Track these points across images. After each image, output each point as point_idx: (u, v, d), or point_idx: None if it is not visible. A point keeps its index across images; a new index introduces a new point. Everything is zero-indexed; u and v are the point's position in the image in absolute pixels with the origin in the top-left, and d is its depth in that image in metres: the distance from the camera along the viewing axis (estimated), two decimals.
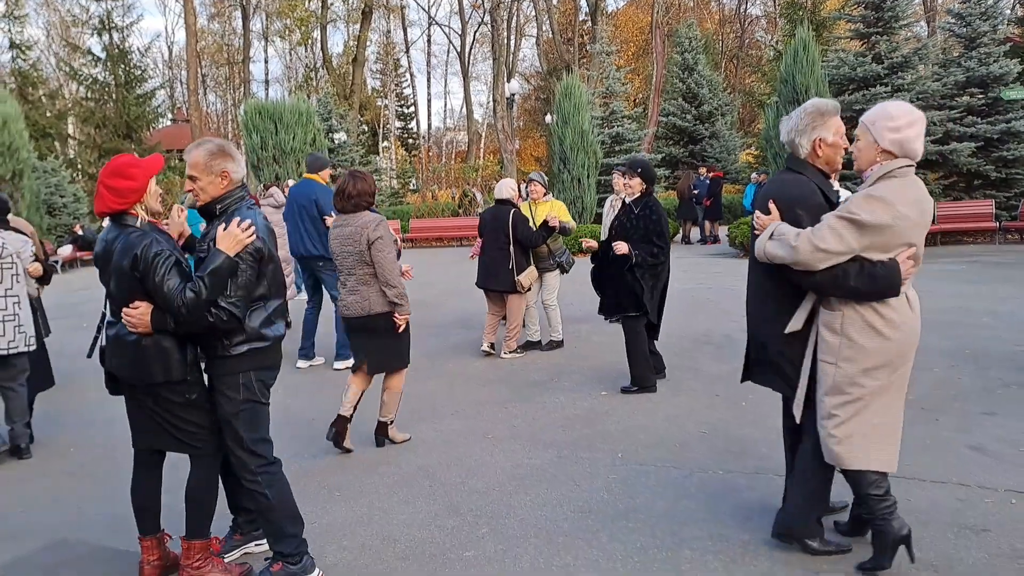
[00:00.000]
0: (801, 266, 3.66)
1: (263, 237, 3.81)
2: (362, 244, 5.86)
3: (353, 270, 5.96)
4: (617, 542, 4.40)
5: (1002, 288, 12.05)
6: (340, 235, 5.99)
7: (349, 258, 5.96)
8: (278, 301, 3.97)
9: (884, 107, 3.81)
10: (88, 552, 4.70)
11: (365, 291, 5.94)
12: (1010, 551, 4.02)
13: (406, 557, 4.37)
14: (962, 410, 6.33)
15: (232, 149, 3.94)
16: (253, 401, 3.91)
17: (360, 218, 5.95)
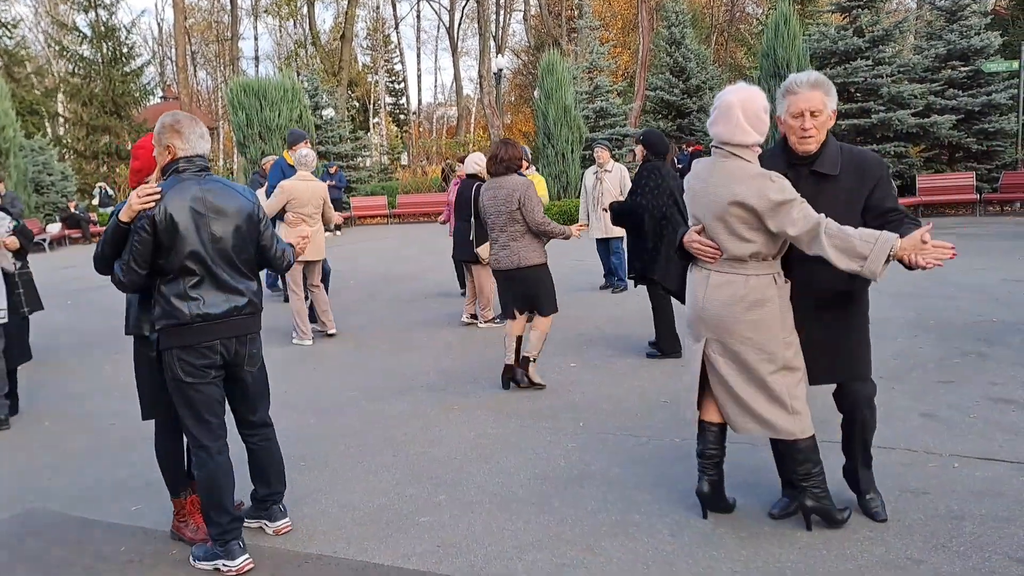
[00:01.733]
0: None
1: (166, 207, 3.78)
2: (513, 204, 6.61)
3: (504, 227, 6.71)
4: (569, 507, 4.52)
5: (977, 260, 12.14)
6: (493, 197, 6.75)
7: (501, 217, 6.70)
8: (196, 278, 3.89)
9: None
10: (55, 522, 4.81)
11: (515, 246, 6.68)
12: (946, 512, 4.14)
13: (363, 523, 4.49)
14: (919, 379, 6.46)
15: (184, 125, 3.98)
16: (175, 379, 3.93)
17: (510, 180, 6.71)
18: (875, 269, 3.39)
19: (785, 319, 3.83)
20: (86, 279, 16.58)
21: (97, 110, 36.41)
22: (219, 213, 3.94)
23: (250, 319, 4.11)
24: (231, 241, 3.98)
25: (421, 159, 41.43)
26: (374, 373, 7.72)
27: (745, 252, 3.76)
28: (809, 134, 3.73)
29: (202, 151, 4.03)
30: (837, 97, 3.85)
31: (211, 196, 3.94)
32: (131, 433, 6.33)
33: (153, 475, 5.34)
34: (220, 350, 3.98)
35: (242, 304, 4.03)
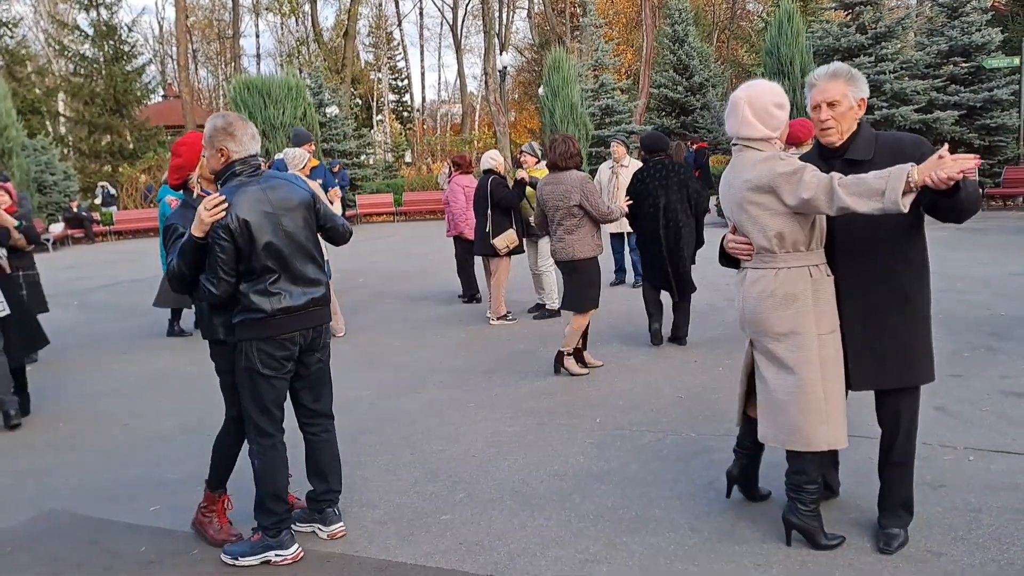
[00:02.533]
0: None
1: (237, 214, 3.83)
2: (572, 200, 6.93)
3: (562, 221, 7.03)
4: (589, 503, 4.56)
5: (981, 253, 12.22)
6: (554, 191, 7.05)
7: (559, 211, 7.01)
8: (276, 275, 3.96)
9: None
10: (73, 523, 4.82)
11: (569, 240, 7.02)
12: (963, 505, 4.19)
13: (383, 521, 4.52)
14: None
15: (237, 127, 4.00)
16: (250, 370, 3.99)
17: (571, 176, 7.02)
18: (896, 198, 3.23)
19: (822, 316, 3.71)
20: (91, 279, 16.65)
21: (99, 109, 36.48)
22: (286, 209, 4.02)
23: (326, 309, 4.22)
24: (302, 233, 4.07)
25: (426, 157, 41.37)
26: (387, 371, 7.76)
27: (770, 240, 3.70)
28: (827, 125, 3.72)
29: (255, 151, 4.07)
30: (866, 85, 3.81)
31: (274, 193, 4.00)
32: (146, 433, 6.40)
33: (169, 475, 5.42)
34: (299, 341, 4.08)
35: (319, 295, 4.14)
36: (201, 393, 7.38)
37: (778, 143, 3.84)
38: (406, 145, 48.92)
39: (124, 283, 15.67)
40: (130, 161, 34.11)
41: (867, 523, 4.03)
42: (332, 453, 4.40)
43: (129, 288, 14.84)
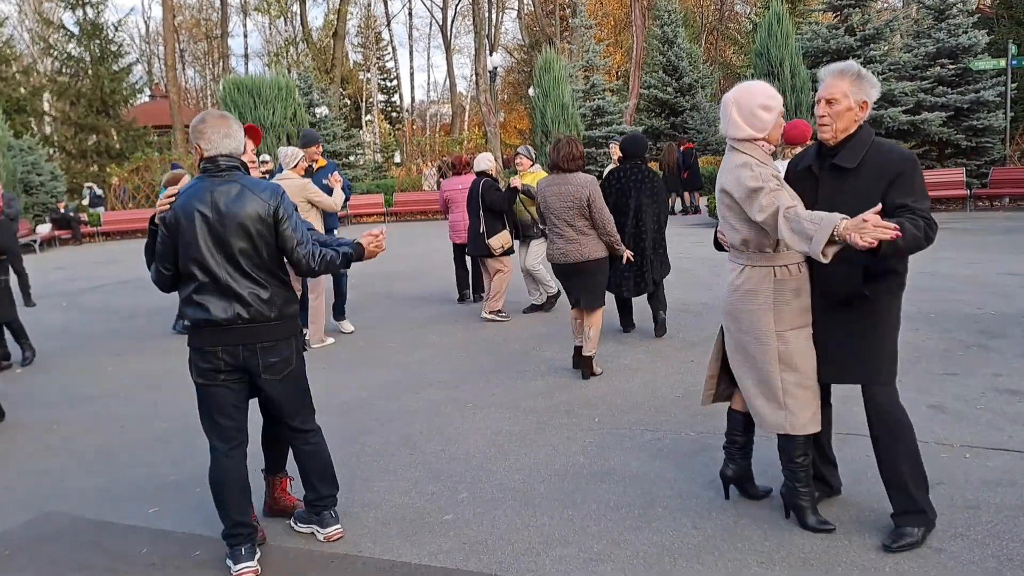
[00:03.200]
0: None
1: (175, 210, 3.84)
2: (582, 200, 6.83)
3: (572, 222, 6.92)
4: (591, 502, 4.59)
5: (970, 253, 12.31)
6: (559, 192, 6.94)
7: (568, 212, 6.91)
8: (198, 284, 3.86)
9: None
10: (72, 525, 4.81)
11: (584, 240, 6.93)
12: (962, 501, 4.24)
13: (386, 522, 4.54)
14: (924, 371, 6.56)
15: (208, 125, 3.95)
16: (192, 377, 4.02)
17: (578, 177, 6.95)
18: (817, 249, 3.35)
19: (781, 314, 3.88)
20: (79, 280, 16.60)
21: (85, 109, 36.27)
22: (228, 216, 3.83)
23: (259, 328, 3.93)
24: (239, 245, 3.84)
25: (416, 157, 41.36)
26: (385, 371, 7.78)
27: (736, 240, 3.95)
28: (823, 122, 3.79)
29: (227, 150, 3.94)
30: (876, 88, 3.84)
31: (223, 199, 3.84)
32: (142, 435, 6.40)
33: (168, 476, 5.43)
34: (223, 357, 3.91)
35: (248, 313, 3.89)
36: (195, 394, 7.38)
37: (766, 144, 3.91)
38: (395, 146, 48.90)
39: (113, 284, 15.62)
40: (117, 161, 33.95)
41: (868, 520, 4.08)
42: (319, 463, 4.31)
43: (118, 289, 14.81)
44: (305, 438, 4.27)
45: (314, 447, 4.29)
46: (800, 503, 4.06)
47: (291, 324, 4.09)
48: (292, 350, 4.10)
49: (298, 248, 3.97)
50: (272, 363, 3.99)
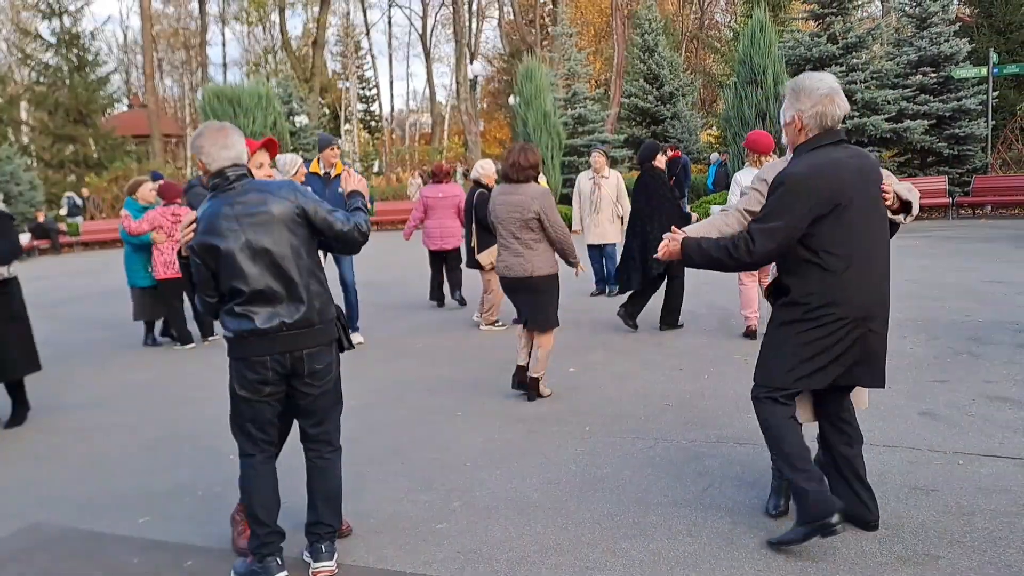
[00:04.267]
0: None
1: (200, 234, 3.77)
2: (529, 212, 6.43)
3: (518, 234, 6.51)
4: (585, 510, 4.56)
5: (954, 261, 12.41)
6: (507, 202, 6.54)
7: (515, 224, 6.50)
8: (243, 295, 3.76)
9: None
10: (63, 535, 4.75)
11: (529, 255, 6.52)
12: (956, 508, 4.23)
13: (379, 531, 4.49)
14: (915, 378, 6.57)
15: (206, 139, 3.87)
16: (231, 388, 3.90)
17: (529, 188, 6.53)
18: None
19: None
20: (60, 290, 16.47)
21: (63, 119, 36.10)
22: (256, 224, 3.77)
23: (304, 334, 3.84)
24: (276, 250, 3.78)
25: (396, 167, 41.34)
26: (372, 381, 7.72)
27: None
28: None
29: (229, 160, 3.85)
30: (800, 101, 3.85)
31: (243, 209, 3.77)
32: (129, 444, 6.33)
33: (157, 486, 5.36)
34: (273, 366, 3.81)
35: (291, 320, 3.80)
36: (181, 403, 7.33)
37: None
38: (375, 155, 48.86)
39: (93, 294, 15.51)
40: (96, 171, 33.77)
41: (858, 530, 4.06)
42: (329, 483, 4.12)
43: (98, 299, 14.70)
44: (321, 451, 4.13)
45: (328, 463, 4.14)
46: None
47: (332, 328, 4.00)
48: (333, 356, 4.04)
49: (343, 225, 3.94)
50: (317, 370, 3.92)
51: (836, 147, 3.80)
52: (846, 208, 3.72)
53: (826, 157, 3.77)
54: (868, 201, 3.77)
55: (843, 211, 3.72)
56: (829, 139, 3.81)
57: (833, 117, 3.80)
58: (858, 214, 3.74)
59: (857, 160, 3.79)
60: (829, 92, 3.79)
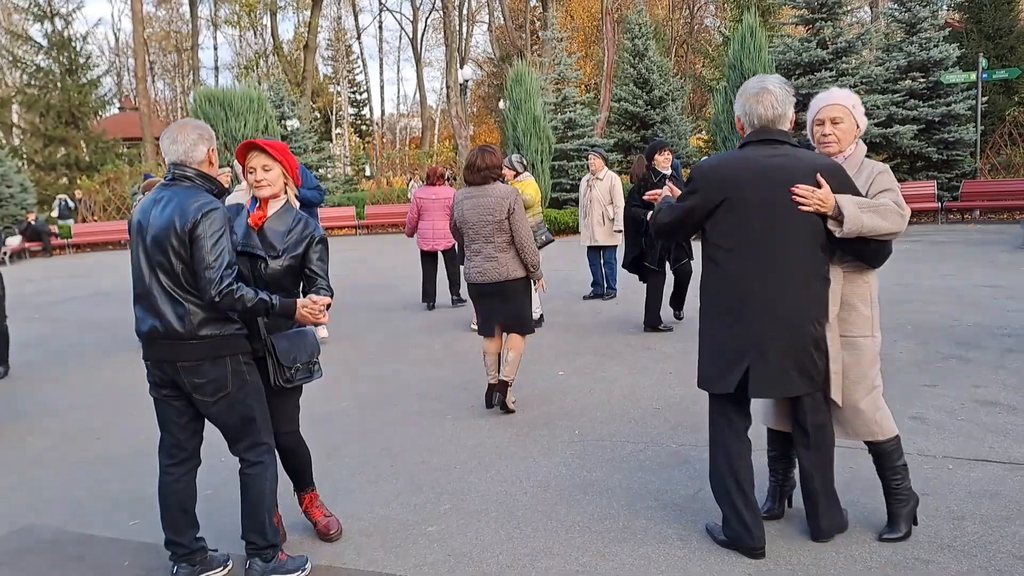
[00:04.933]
0: (897, 235, 3.78)
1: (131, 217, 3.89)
2: (501, 213, 6.27)
3: (491, 238, 6.33)
4: (575, 514, 4.55)
5: (942, 266, 12.45)
6: (476, 205, 6.36)
7: (487, 227, 6.32)
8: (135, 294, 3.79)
9: (848, 93, 4.04)
10: (53, 538, 4.73)
11: (503, 258, 6.34)
12: (947, 512, 4.24)
13: (369, 533, 4.48)
14: (904, 382, 6.58)
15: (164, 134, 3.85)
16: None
17: (496, 189, 6.37)
18: None
19: None
20: (51, 292, 16.40)
21: (54, 121, 35.97)
22: (151, 228, 3.69)
23: (179, 345, 3.69)
24: (156, 258, 3.66)
25: (386, 170, 41.30)
26: (362, 383, 7.71)
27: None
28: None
29: (174, 157, 3.78)
30: (738, 102, 3.96)
31: (154, 207, 3.72)
32: (120, 447, 6.30)
33: (148, 489, 5.29)
34: (155, 371, 3.81)
35: (161, 329, 3.68)
36: None
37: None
38: (365, 159, 48.80)
39: (84, 296, 15.45)
40: (87, 173, 33.66)
41: (854, 532, 4.06)
42: (249, 498, 3.94)
43: (89, 301, 14.64)
44: (244, 467, 3.96)
45: (247, 478, 3.95)
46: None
47: (218, 344, 3.73)
48: (225, 372, 3.75)
49: (206, 272, 3.56)
50: (198, 384, 3.73)
51: (761, 145, 3.80)
52: (736, 204, 3.74)
53: (740, 154, 3.84)
54: (772, 202, 3.70)
55: (733, 206, 3.75)
56: (756, 137, 3.83)
57: (759, 116, 3.81)
58: (757, 213, 3.71)
59: (775, 160, 3.74)
60: (757, 92, 3.83)
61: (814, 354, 3.78)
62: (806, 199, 3.66)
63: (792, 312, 3.73)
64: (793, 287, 3.73)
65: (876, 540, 3.97)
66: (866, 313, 3.95)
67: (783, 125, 3.84)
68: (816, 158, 3.82)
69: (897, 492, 4.02)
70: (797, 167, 3.72)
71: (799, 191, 3.66)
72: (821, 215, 3.70)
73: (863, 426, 3.98)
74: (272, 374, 4.00)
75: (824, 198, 3.66)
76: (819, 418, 3.91)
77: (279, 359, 3.99)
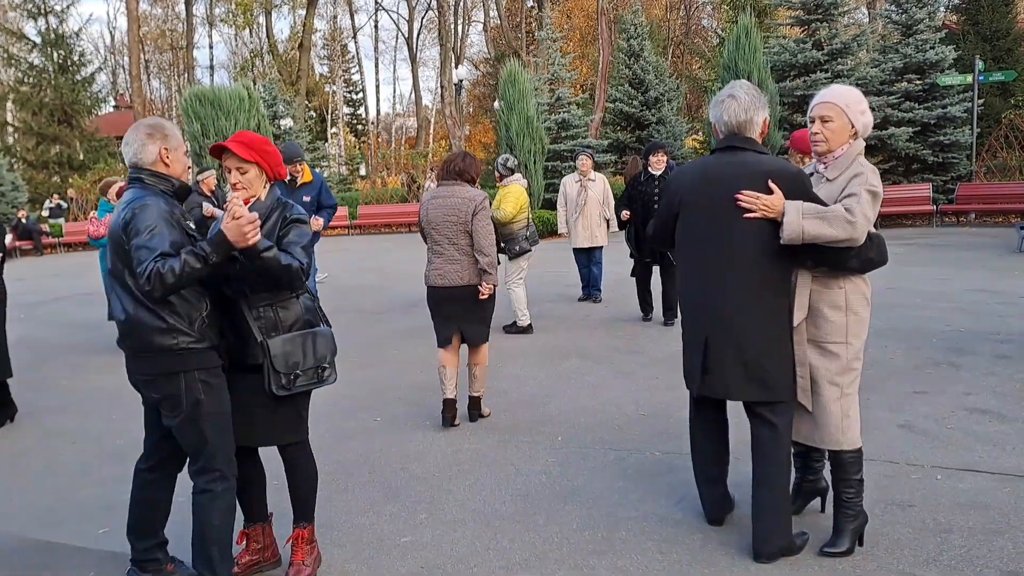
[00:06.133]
0: (851, 243, 3.62)
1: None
2: (467, 215, 6.07)
3: (455, 240, 6.13)
4: (554, 524, 4.44)
5: (937, 270, 12.34)
6: (442, 205, 6.16)
7: (451, 228, 6.12)
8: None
9: (849, 91, 3.93)
10: (15, 546, 4.61)
11: (466, 261, 6.13)
12: (933, 525, 4.13)
13: (342, 544, 4.37)
14: (894, 389, 6.48)
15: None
16: None
17: (463, 190, 6.18)
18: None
19: None
20: (39, 292, 16.27)
21: (47, 119, 35.82)
22: (110, 232, 3.59)
23: (136, 357, 3.61)
24: (115, 263, 3.56)
25: (381, 170, 41.19)
26: (344, 387, 7.48)
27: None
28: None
29: (128, 160, 3.67)
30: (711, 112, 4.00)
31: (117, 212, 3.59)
32: (95, 452, 6.18)
33: (120, 496, 5.15)
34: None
35: (121, 336, 3.63)
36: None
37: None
38: (360, 158, 48.70)
39: (73, 296, 15.32)
40: (80, 172, 33.53)
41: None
42: (197, 529, 3.71)
43: (78, 301, 14.50)
44: (193, 491, 3.72)
45: (196, 505, 3.71)
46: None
47: (170, 360, 3.53)
48: (178, 390, 3.55)
49: (137, 267, 3.39)
50: (156, 399, 3.64)
51: (724, 152, 3.86)
52: (688, 210, 3.89)
53: (701, 161, 3.99)
54: (718, 208, 3.75)
55: (686, 212, 3.91)
56: (721, 144, 3.90)
57: (725, 123, 3.86)
58: (701, 217, 3.84)
59: (726, 168, 3.79)
60: (724, 99, 3.88)
61: (764, 362, 3.75)
62: (751, 204, 3.66)
63: (736, 318, 3.77)
64: (738, 294, 3.75)
65: (856, 552, 3.87)
66: (835, 319, 3.83)
67: (750, 131, 3.84)
68: (774, 164, 3.78)
69: (848, 505, 3.90)
70: (746, 173, 3.72)
71: (743, 196, 3.67)
72: (772, 221, 3.67)
73: (828, 434, 3.86)
74: (266, 380, 3.72)
75: (770, 204, 3.64)
76: (774, 429, 3.82)
77: (274, 365, 3.71)
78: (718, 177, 3.78)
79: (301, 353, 3.80)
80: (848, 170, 3.83)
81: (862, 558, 3.83)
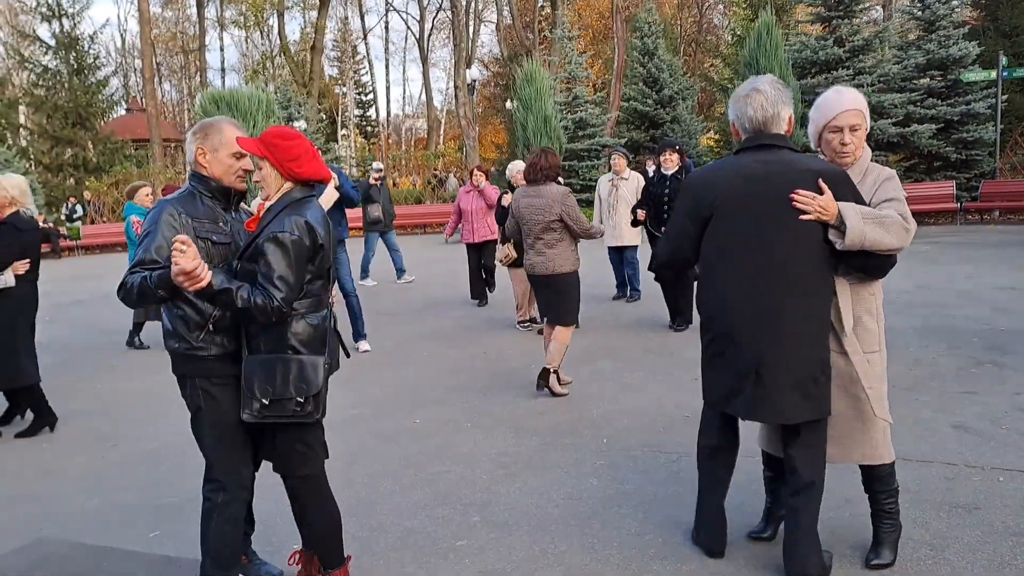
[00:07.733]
0: (899, 250, 3.45)
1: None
2: (552, 214, 6.81)
3: (541, 235, 6.89)
4: (611, 528, 4.36)
5: (964, 268, 12.23)
6: (530, 205, 6.90)
7: (538, 225, 6.86)
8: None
9: (857, 92, 3.75)
10: (67, 551, 4.54)
11: (551, 253, 6.88)
12: (1003, 528, 4.04)
13: (397, 548, 4.30)
14: (940, 389, 6.38)
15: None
16: None
17: (550, 190, 6.89)
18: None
19: None
20: (60, 295, 16.24)
21: (61, 122, 35.83)
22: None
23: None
24: None
25: (392, 171, 41.16)
26: (379, 388, 7.52)
27: None
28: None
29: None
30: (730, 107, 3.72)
31: None
32: (134, 455, 6.13)
33: (166, 499, 5.16)
34: None
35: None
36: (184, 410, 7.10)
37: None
38: (371, 160, 48.66)
39: (94, 298, 15.29)
40: (95, 175, 33.52)
41: (901, 552, 3.86)
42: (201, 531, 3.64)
43: (100, 303, 14.46)
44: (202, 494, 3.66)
45: (202, 512, 3.63)
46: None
47: (178, 360, 3.54)
48: (185, 393, 3.58)
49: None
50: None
51: (756, 151, 3.54)
52: (727, 216, 3.52)
53: (731, 161, 3.61)
54: (767, 212, 3.43)
55: (723, 218, 3.53)
56: (750, 143, 3.57)
57: (749, 119, 3.55)
58: (751, 225, 3.46)
59: (770, 167, 3.47)
60: (747, 93, 3.57)
61: (819, 377, 3.49)
62: (807, 205, 3.38)
63: (791, 332, 3.45)
64: (792, 304, 3.44)
65: (927, 557, 3.77)
66: (872, 327, 3.64)
67: (777, 127, 3.55)
68: (817, 163, 3.53)
69: (890, 516, 3.78)
70: (795, 173, 3.44)
71: (799, 196, 3.38)
72: (822, 225, 3.42)
73: (872, 448, 3.66)
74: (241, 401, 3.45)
75: (825, 205, 3.37)
76: (814, 450, 3.60)
77: (244, 386, 3.41)
78: (760, 176, 3.45)
79: (274, 381, 3.36)
80: (867, 174, 3.67)
81: (934, 563, 3.74)
